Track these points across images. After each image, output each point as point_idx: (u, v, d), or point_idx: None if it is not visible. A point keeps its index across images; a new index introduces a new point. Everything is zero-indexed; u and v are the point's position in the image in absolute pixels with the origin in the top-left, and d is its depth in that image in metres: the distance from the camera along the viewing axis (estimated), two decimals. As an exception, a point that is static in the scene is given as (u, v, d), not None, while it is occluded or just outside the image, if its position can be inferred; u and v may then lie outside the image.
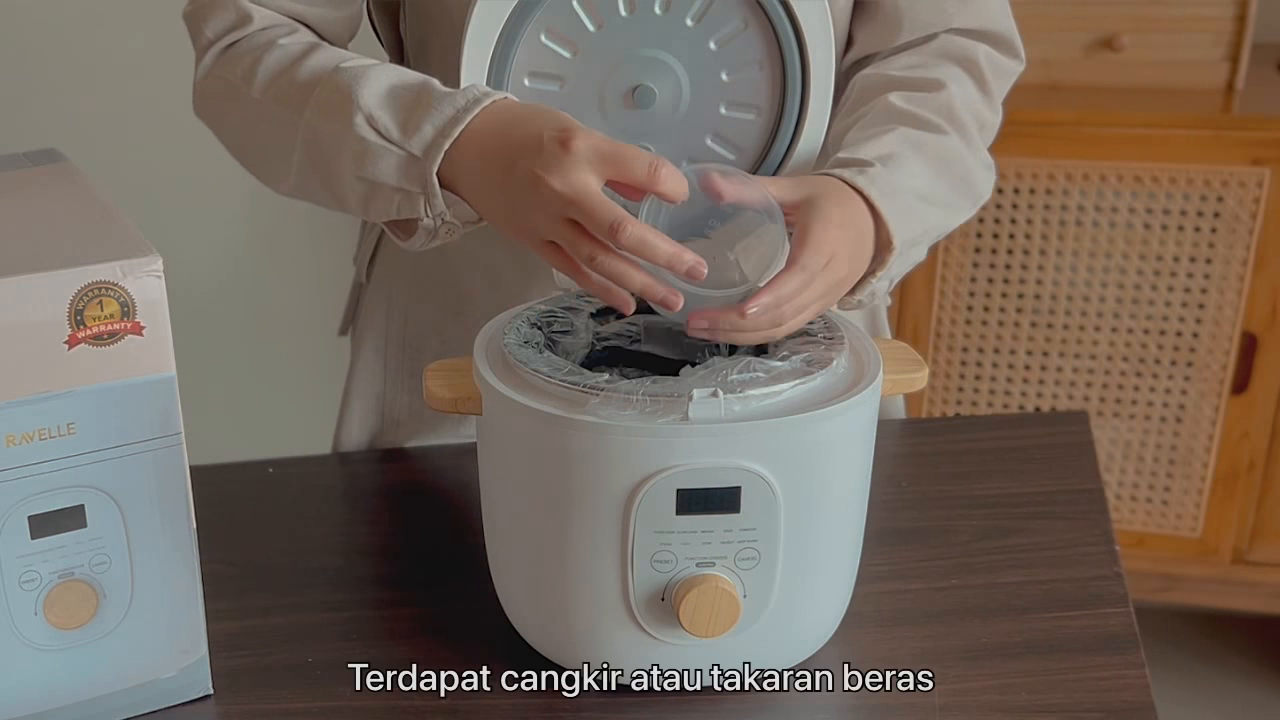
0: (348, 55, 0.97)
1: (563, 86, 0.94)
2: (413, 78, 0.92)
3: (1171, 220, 1.92)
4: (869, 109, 1.00)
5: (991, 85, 1.05)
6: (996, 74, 1.05)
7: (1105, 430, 2.04)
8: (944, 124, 0.99)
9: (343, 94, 0.92)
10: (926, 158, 0.96)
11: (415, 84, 0.92)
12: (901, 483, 1.12)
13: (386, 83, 0.92)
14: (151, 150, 2.09)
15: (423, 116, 0.89)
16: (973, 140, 1.02)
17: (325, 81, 0.94)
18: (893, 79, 1.02)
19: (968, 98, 1.02)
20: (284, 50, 0.98)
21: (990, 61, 1.05)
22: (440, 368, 0.91)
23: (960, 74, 1.03)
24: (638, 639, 0.87)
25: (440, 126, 0.88)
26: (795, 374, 0.84)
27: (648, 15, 0.92)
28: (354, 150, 0.91)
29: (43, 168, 0.94)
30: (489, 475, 0.90)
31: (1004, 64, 1.06)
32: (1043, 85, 1.97)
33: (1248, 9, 1.91)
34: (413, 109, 0.90)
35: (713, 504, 0.82)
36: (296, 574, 1.04)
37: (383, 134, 0.90)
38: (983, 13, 1.05)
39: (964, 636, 0.95)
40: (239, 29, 1.01)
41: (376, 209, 0.94)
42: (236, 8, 1.01)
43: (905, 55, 1.04)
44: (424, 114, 0.89)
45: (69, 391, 0.80)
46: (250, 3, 1.01)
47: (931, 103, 1.00)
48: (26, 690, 0.86)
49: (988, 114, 1.05)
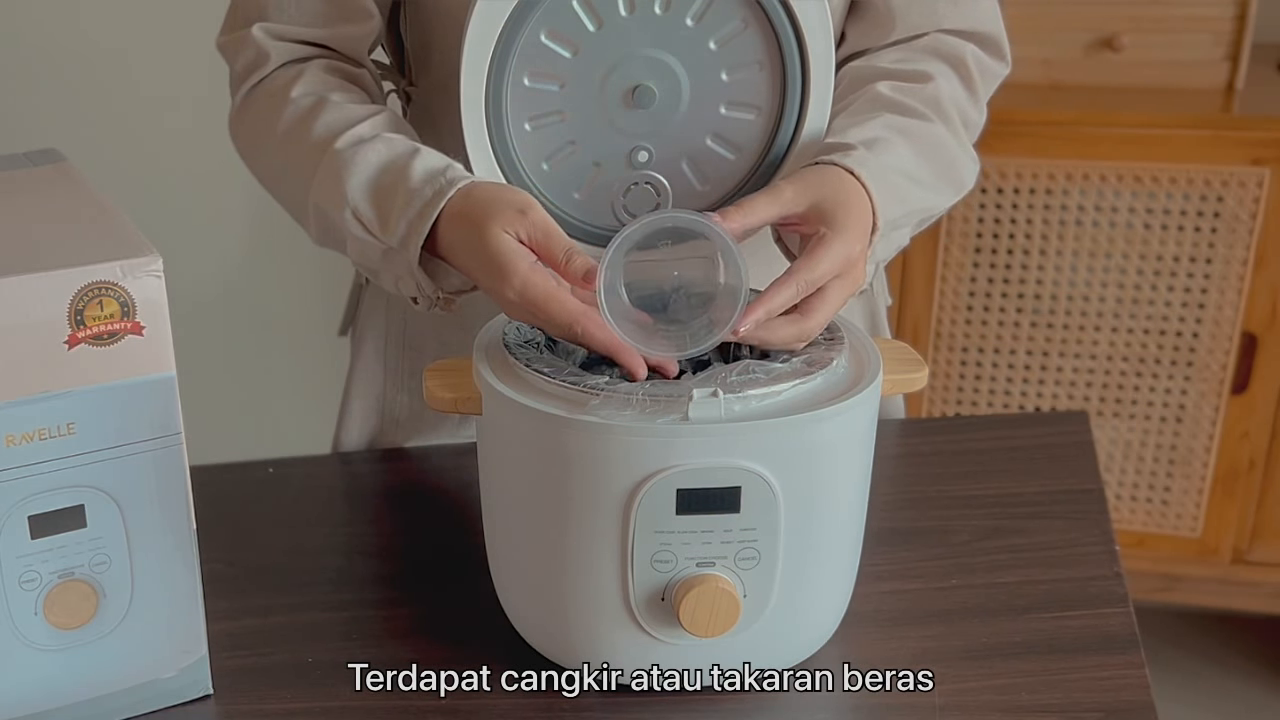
0: (351, 116, 0.98)
1: (563, 86, 0.94)
2: (398, 158, 0.94)
3: (1171, 220, 1.92)
4: (856, 97, 1.01)
5: (978, 85, 1.06)
6: (983, 75, 1.07)
7: (1105, 430, 2.04)
8: (929, 113, 1.00)
9: (335, 180, 0.94)
10: (911, 141, 0.98)
11: (396, 169, 0.93)
12: (901, 483, 1.12)
13: (371, 169, 0.94)
14: (151, 150, 2.09)
15: (398, 211, 0.91)
16: (958, 132, 1.03)
17: (324, 164, 0.96)
18: (881, 70, 1.04)
19: (954, 93, 1.04)
20: (294, 108, 1.00)
21: (978, 62, 1.06)
22: (440, 368, 0.91)
23: (948, 71, 1.05)
24: (638, 639, 0.87)
25: (410, 221, 0.91)
26: (795, 374, 0.84)
27: (648, 15, 0.92)
28: (349, 239, 0.95)
29: (43, 168, 0.94)
30: (489, 475, 0.90)
31: (990, 65, 1.08)
32: (1043, 85, 1.97)
33: (1248, 9, 1.91)
34: (390, 202, 0.92)
35: (713, 504, 0.82)
36: (296, 574, 1.04)
37: (367, 227, 0.93)
38: (973, 15, 1.07)
39: (964, 636, 0.95)
40: (259, 69, 1.03)
41: (384, 284, 0.97)
42: (256, 47, 1.02)
43: (894, 50, 1.06)
44: (399, 208, 0.91)
45: (69, 391, 0.80)
46: (270, 39, 1.02)
47: (919, 93, 1.01)
48: (26, 690, 0.86)
49: (972, 112, 1.06)
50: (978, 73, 1.06)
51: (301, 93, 1.00)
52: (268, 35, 1.03)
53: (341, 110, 0.99)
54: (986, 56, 1.07)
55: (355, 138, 0.96)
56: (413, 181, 0.92)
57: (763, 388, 0.82)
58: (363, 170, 0.94)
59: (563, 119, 0.94)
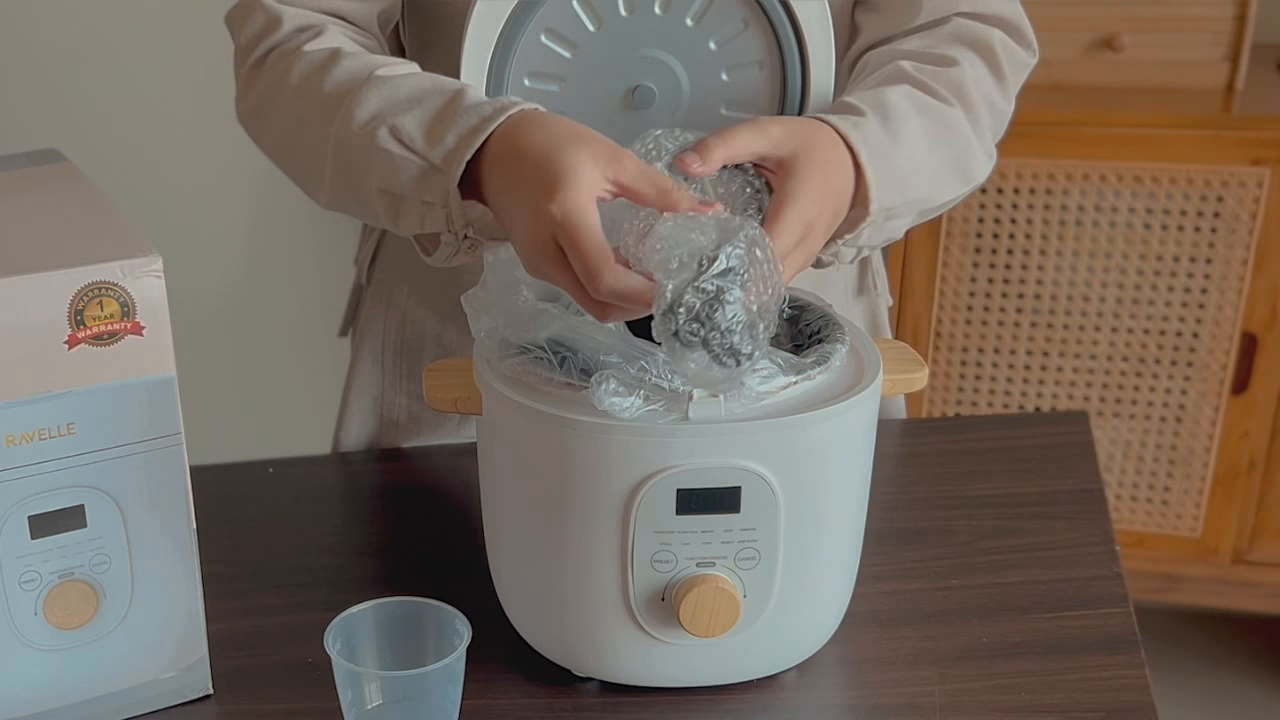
0: (376, 61, 0.94)
1: (563, 86, 0.94)
2: (445, 85, 0.90)
3: (1171, 220, 1.92)
4: (878, 72, 0.98)
5: (1007, 73, 1.02)
6: (1012, 63, 1.03)
7: (1105, 430, 2.04)
8: (951, 97, 0.97)
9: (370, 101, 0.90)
10: (927, 121, 0.94)
11: (444, 92, 0.89)
12: (901, 483, 1.12)
13: (415, 90, 0.90)
14: (152, 150, 2.09)
15: (449, 124, 0.87)
16: (979, 122, 0.99)
17: (352, 96, 0.91)
18: (906, 52, 1.00)
19: (980, 79, 1.00)
20: (309, 59, 0.96)
21: (1005, 48, 1.02)
22: (440, 368, 0.91)
23: (974, 56, 1.00)
24: (638, 639, 0.87)
25: (463, 134, 0.86)
26: (795, 372, 0.83)
27: (648, 15, 0.92)
28: (376, 165, 0.90)
29: (43, 168, 0.94)
30: (489, 475, 0.90)
31: (1018, 53, 1.04)
32: (1043, 85, 1.97)
33: (1248, 9, 1.91)
34: (438, 117, 0.88)
35: (713, 504, 0.82)
36: (296, 574, 1.04)
37: (406, 144, 0.88)
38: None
39: (964, 636, 0.95)
40: (270, 34, 0.99)
41: (404, 223, 0.92)
42: (265, 11, 0.99)
43: (916, 37, 1.02)
44: (450, 121, 0.87)
45: (69, 391, 0.80)
46: (280, 4, 0.99)
47: (942, 76, 0.97)
48: (26, 690, 0.86)
49: (1000, 101, 1.02)
50: (1006, 60, 1.02)
51: (317, 47, 0.96)
52: (278, 0, 0.99)
53: (364, 57, 0.95)
54: (1012, 42, 1.03)
55: (392, 71, 0.92)
56: (467, 100, 0.87)
57: (762, 387, 0.82)
58: (406, 93, 0.90)
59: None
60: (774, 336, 0.93)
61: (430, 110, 0.89)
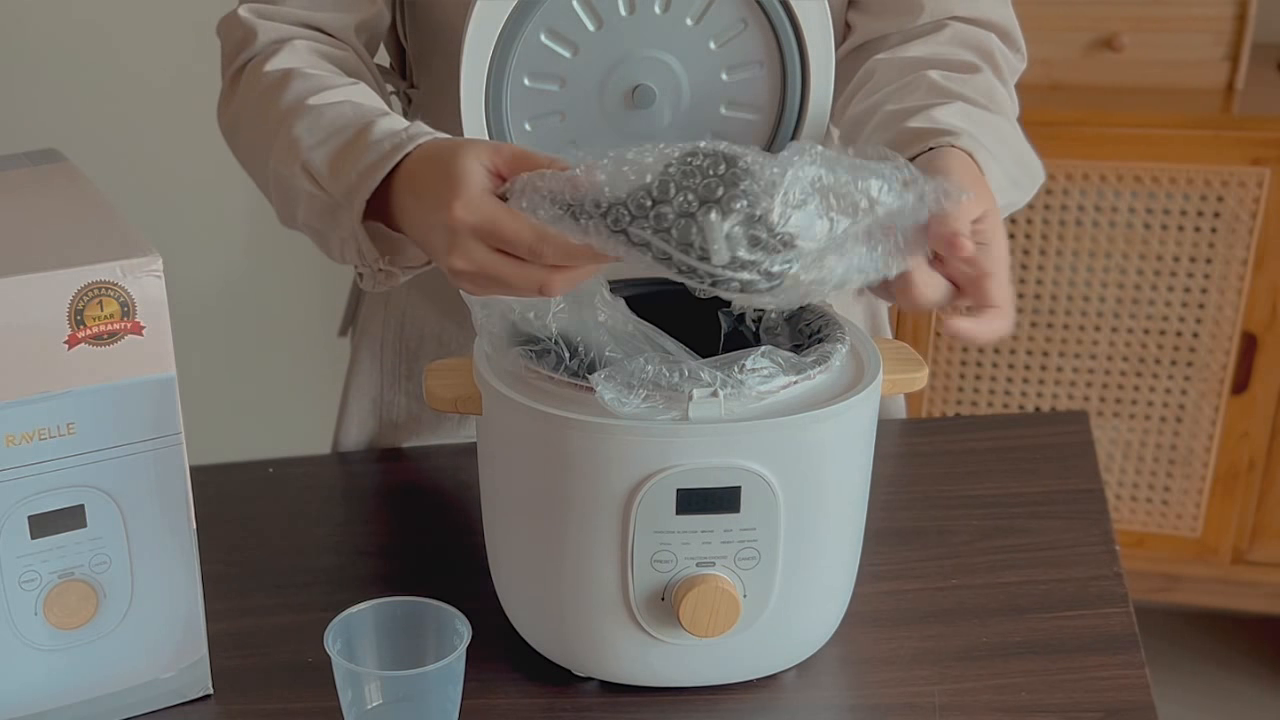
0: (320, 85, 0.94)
1: (563, 86, 0.94)
2: (362, 117, 0.90)
3: (1171, 220, 1.92)
4: (908, 84, 0.96)
5: (1007, 78, 1.02)
6: (1008, 68, 1.03)
7: (1105, 430, 2.04)
8: (989, 105, 0.95)
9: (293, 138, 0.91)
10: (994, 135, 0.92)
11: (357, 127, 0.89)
12: (901, 483, 1.12)
13: (332, 126, 0.90)
14: (152, 151, 2.09)
15: (350, 162, 0.87)
16: (1017, 126, 0.98)
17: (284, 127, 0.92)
18: (922, 59, 0.99)
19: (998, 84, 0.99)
20: (265, 81, 0.96)
21: (1003, 55, 1.02)
22: (440, 367, 0.91)
23: (982, 63, 1.00)
24: (638, 639, 0.87)
25: (362, 171, 0.86)
26: (795, 372, 0.83)
27: (648, 15, 0.92)
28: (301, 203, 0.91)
29: (43, 168, 0.94)
30: (489, 475, 0.90)
31: (1011, 58, 1.04)
32: (1043, 85, 1.97)
33: (1248, 9, 1.91)
34: (344, 154, 0.88)
35: (712, 504, 0.82)
36: (296, 574, 1.04)
37: (317, 180, 0.89)
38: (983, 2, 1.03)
39: (964, 636, 0.95)
40: (246, 47, 1.00)
41: (333, 254, 0.93)
42: (242, 25, 1.00)
43: (918, 43, 1.01)
44: (352, 159, 0.87)
45: (69, 391, 0.80)
46: (256, 18, 1.00)
47: (971, 84, 0.96)
48: (26, 690, 0.86)
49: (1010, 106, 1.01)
50: (1005, 67, 1.02)
51: (273, 66, 0.97)
52: (254, 14, 1.00)
53: (310, 80, 0.95)
54: (1007, 50, 1.03)
55: (321, 100, 0.92)
56: (372, 136, 0.87)
57: (762, 386, 0.82)
58: (323, 127, 0.90)
59: (563, 119, 0.94)
60: (774, 337, 0.94)
61: (338, 144, 0.89)
